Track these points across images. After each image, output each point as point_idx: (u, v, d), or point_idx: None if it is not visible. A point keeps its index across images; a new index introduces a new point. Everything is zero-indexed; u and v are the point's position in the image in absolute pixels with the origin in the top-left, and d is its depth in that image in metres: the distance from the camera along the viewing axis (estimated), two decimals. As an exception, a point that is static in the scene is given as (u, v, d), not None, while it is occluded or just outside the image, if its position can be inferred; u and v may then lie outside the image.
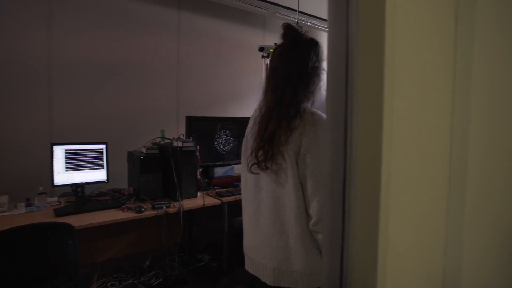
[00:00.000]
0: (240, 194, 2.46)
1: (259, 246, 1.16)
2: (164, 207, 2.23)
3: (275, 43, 3.03)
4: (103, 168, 2.38)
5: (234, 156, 3.22)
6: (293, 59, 1.14)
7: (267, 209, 1.14)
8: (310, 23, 3.68)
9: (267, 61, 3.01)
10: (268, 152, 1.10)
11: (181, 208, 2.26)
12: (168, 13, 3.19)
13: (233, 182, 3.03)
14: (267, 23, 4.08)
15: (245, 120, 3.36)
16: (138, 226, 2.41)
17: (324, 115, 1.09)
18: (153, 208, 2.21)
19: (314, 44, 1.17)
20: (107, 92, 2.85)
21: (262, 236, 1.15)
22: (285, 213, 1.09)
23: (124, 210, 2.14)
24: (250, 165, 1.16)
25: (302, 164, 1.07)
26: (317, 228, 1.06)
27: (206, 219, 3.17)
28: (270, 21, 4.10)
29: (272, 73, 1.18)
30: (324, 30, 4.02)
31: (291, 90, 1.11)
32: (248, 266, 1.24)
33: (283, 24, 1.20)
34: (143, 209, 2.15)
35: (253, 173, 1.16)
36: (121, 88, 2.93)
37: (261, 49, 2.91)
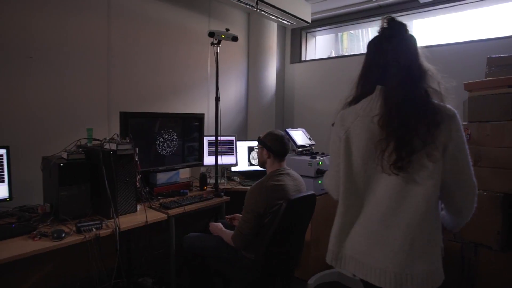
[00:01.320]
0: (188, 204, 2.12)
1: (374, 250, 1.11)
2: (94, 229, 1.72)
3: (227, 29, 2.67)
4: (3, 181, 1.77)
5: (179, 158, 2.78)
6: (409, 53, 1.11)
7: (389, 210, 1.09)
8: (264, 11, 3.39)
9: (217, 49, 2.64)
10: (411, 152, 1.04)
11: (117, 228, 1.78)
12: (94, -13, 2.61)
13: (180, 190, 2.60)
14: (213, 9, 3.68)
15: (191, 117, 2.95)
16: (58, 253, 1.85)
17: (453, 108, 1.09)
18: (79, 231, 1.69)
19: (416, 38, 1.14)
20: (11, 80, 2.19)
21: (381, 239, 1.10)
22: (412, 214, 1.06)
23: (36, 238, 1.59)
24: (389, 166, 1.06)
25: (451, 160, 1.06)
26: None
27: (147, 232, 2.68)
28: (216, 7, 3.71)
29: (386, 68, 1.11)
30: (275, 20, 3.76)
31: (420, 86, 1.08)
32: (357, 270, 1.14)
33: (387, 17, 1.15)
34: (63, 234, 1.63)
35: (393, 173, 1.07)
36: (32, 76, 2.28)
37: (211, 34, 2.51)
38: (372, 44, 1.19)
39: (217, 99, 2.68)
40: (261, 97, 4.26)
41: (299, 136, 2.94)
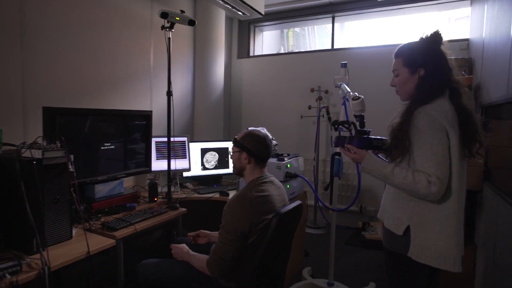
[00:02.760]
0: (139, 222, 1.80)
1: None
2: (8, 275, 1.20)
3: (181, 11, 2.28)
4: None
5: (121, 164, 2.28)
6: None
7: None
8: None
9: (170, 34, 2.22)
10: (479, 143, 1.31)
11: (46, 268, 1.28)
12: None
13: (126, 204, 2.12)
14: (156, -9, 3.20)
15: (136, 115, 2.45)
16: None
17: None
18: (-16, 279, 1.16)
19: None
20: None
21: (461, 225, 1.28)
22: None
23: None
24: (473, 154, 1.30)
25: None
26: None
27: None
28: (160, -11, 3.23)
29: (448, 74, 1.29)
30: (227, 9, 3.42)
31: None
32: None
33: (435, 30, 1.31)
34: (-42, 289, 1.09)
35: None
36: None
37: (164, 15, 2.08)
38: (431, 52, 1.29)
39: (169, 94, 2.26)
40: (209, 94, 3.88)
41: (261, 136, 2.66)
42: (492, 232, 1.95)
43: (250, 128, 1.67)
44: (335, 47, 4.13)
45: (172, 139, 2.35)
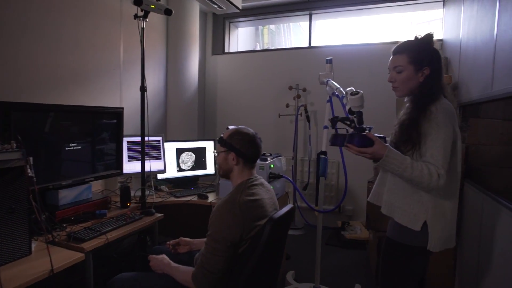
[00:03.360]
0: (111, 231, 1.72)
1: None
2: (-48, 303, 0.98)
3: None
4: None
5: (88, 167, 2.07)
6: None
7: None
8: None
9: (144, 24, 2.03)
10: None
11: (0, 292, 1.07)
12: None
13: (95, 211, 1.90)
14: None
15: (105, 112, 2.23)
16: None
17: None
18: None
19: None
20: None
21: None
22: None
23: None
24: None
25: None
26: None
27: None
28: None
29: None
30: (202, 1, 3.25)
31: None
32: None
33: (432, 32, 1.34)
34: None
35: None
36: None
37: (138, 2, 1.89)
38: (433, 51, 1.33)
39: (143, 89, 2.07)
40: (183, 91, 3.69)
41: (242, 135, 2.53)
42: (476, 229, 1.96)
43: (231, 127, 1.54)
44: (312, 45, 4.08)
45: (146, 138, 2.16)
